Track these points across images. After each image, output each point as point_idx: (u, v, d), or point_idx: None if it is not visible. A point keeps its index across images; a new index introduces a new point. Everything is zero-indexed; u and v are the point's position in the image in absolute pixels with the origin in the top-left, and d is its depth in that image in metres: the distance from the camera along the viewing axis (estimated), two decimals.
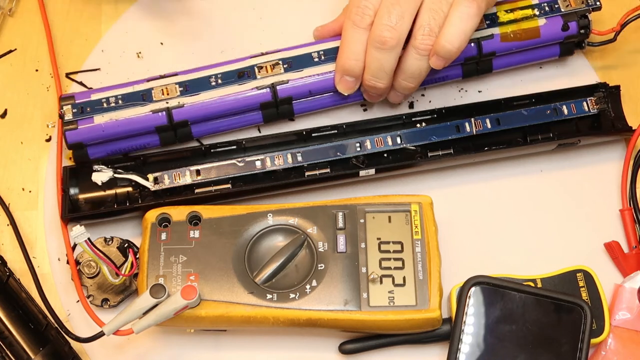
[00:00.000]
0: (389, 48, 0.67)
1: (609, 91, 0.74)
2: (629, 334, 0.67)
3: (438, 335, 0.66)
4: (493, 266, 0.69)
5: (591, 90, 0.74)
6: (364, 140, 0.71)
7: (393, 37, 0.66)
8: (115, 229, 0.71)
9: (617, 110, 0.74)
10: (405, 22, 0.66)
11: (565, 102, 0.73)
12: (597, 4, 0.74)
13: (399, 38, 0.66)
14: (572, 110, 0.73)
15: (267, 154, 0.71)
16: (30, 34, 0.78)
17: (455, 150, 0.71)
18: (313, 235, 0.67)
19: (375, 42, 0.67)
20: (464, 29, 0.66)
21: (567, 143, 0.72)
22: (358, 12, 0.67)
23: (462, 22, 0.66)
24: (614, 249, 0.70)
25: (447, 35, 0.66)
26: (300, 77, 0.70)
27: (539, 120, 0.72)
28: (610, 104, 0.74)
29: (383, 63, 0.67)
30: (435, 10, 0.66)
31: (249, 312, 0.64)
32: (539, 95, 0.74)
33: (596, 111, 0.73)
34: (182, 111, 0.69)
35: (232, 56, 0.74)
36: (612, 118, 0.74)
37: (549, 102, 0.73)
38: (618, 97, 0.74)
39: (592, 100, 0.73)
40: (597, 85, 0.74)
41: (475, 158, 0.72)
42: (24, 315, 0.66)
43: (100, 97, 0.70)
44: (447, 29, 0.66)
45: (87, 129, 0.69)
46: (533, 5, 0.74)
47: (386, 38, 0.66)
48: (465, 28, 0.66)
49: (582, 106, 0.73)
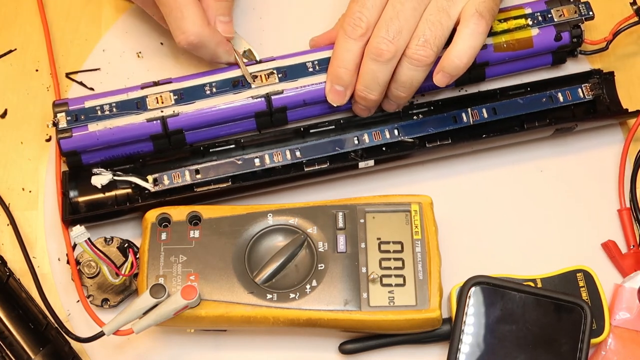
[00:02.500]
0: (384, 61, 0.67)
1: (603, 77, 0.75)
2: (629, 334, 0.67)
3: (438, 335, 0.66)
4: (493, 266, 0.69)
5: (585, 77, 0.75)
6: (361, 135, 0.72)
7: (390, 50, 0.66)
8: (116, 229, 0.71)
9: (612, 96, 0.75)
10: (403, 37, 0.66)
11: (560, 89, 0.74)
12: (590, 13, 0.74)
13: (396, 51, 0.66)
14: (567, 97, 0.74)
15: (265, 151, 0.71)
16: (30, 34, 0.78)
17: (453, 140, 0.72)
18: (313, 235, 0.67)
19: (372, 54, 0.67)
20: (474, 45, 0.66)
21: (564, 128, 0.72)
22: (350, 23, 0.68)
23: (471, 39, 0.66)
24: (611, 249, 0.71)
25: (456, 51, 0.66)
26: (294, 87, 0.71)
27: (536, 109, 0.73)
28: (605, 90, 0.74)
29: (377, 75, 0.68)
30: (433, 23, 0.66)
31: (249, 312, 0.64)
32: (534, 84, 0.74)
33: (591, 97, 0.74)
34: (176, 120, 0.69)
35: None
36: (608, 104, 0.74)
37: (544, 90, 0.74)
38: (612, 83, 0.75)
39: (587, 87, 0.74)
40: (591, 72, 0.75)
41: (474, 147, 0.72)
42: (24, 315, 0.66)
43: (94, 104, 0.69)
44: (457, 45, 0.66)
45: (81, 137, 0.69)
46: (526, 15, 0.73)
47: (383, 50, 0.66)
48: (475, 44, 0.67)
49: (578, 93, 0.74)
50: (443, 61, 0.67)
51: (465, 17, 0.66)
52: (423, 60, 0.67)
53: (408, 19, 0.66)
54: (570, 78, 0.75)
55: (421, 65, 0.67)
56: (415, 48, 0.66)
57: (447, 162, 0.74)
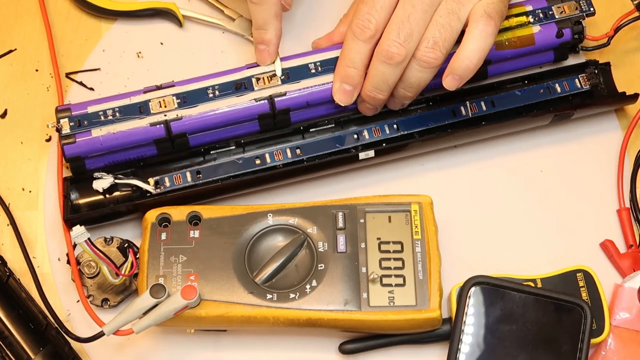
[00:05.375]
0: (395, 63, 0.67)
1: (600, 68, 0.75)
2: (629, 334, 0.67)
3: (438, 335, 0.66)
4: (493, 266, 0.69)
5: (582, 67, 0.75)
6: (361, 131, 0.72)
7: (401, 53, 0.66)
8: (116, 229, 0.71)
9: (610, 86, 0.75)
10: (414, 40, 0.66)
11: (557, 80, 0.74)
12: (591, 9, 0.74)
13: (407, 54, 0.66)
14: (564, 88, 0.74)
15: (266, 150, 0.71)
16: (30, 34, 0.78)
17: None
18: (313, 235, 0.67)
19: (382, 57, 0.67)
20: (483, 46, 0.66)
21: (563, 114, 0.73)
22: (359, 25, 0.67)
23: (480, 40, 0.66)
24: (609, 249, 0.71)
25: (466, 52, 0.66)
26: (297, 88, 0.70)
27: (534, 100, 0.73)
28: (602, 80, 0.75)
29: (387, 77, 0.68)
30: (443, 25, 0.66)
31: (249, 312, 0.64)
32: (531, 76, 0.75)
33: (589, 87, 0.74)
34: (180, 124, 0.69)
35: (232, 56, 0.74)
36: (605, 94, 0.75)
37: (542, 82, 0.74)
38: (609, 73, 0.75)
39: (584, 77, 0.75)
40: (587, 63, 0.75)
41: (473, 136, 0.73)
42: (24, 315, 0.66)
43: (97, 109, 0.69)
44: (466, 46, 0.66)
45: (85, 142, 0.68)
46: (527, 12, 0.74)
47: (394, 54, 0.66)
48: (484, 46, 0.66)
49: (575, 83, 0.74)
50: (453, 63, 0.67)
51: (474, 19, 0.66)
52: (432, 62, 0.67)
53: (419, 22, 0.66)
54: (567, 69, 0.75)
55: (430, 67, 0.67)
56: (425, 50, 0.66)
57: (447, 162, 0.74)
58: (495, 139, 0.74)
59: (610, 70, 0.75)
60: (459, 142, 0.73)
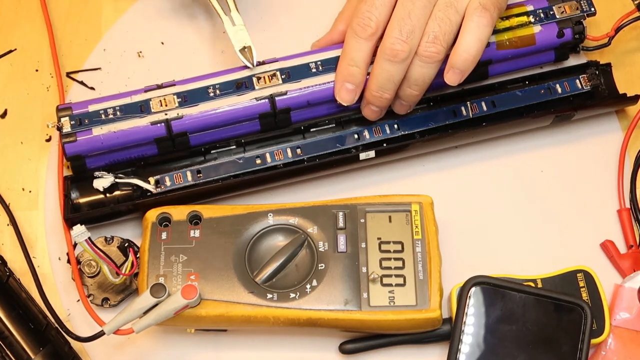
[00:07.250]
0: (399, 60, 0.67)
1: (600, 68, 0.75)
2: (629, 334, 0.67)
3: (438, 335, 0.66)
4: (493, 266, 0.69)
5: (583, 68, 0.75)
6: (362, 131, 0.72)
7: (404, 50, 0.66)
8: (116, 229, 0.71)
9: (610, 88, 0.75)
10: (416, 36, 0.67)
11: (558, 80, 0.74)
12: (592, 9, 0.74)
13: (410, 51, 0.67)
14: (565, 89, 0.74)
15: (267, 149, 0.71)
16: (30, 34, 0.78)
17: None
18: (313, 234, 0.67)
19: (386, 55, 0.67)
20: (479, 37, 0.67)
21: (563, 115, 0.73)
22: (360, 23, 0.68)
23: (477, 31, 0.67)
24: (609, 249, 0.71)
25: (463, 45, 0.67)
26: (298, 87, 0.71)
27: (534, 100, 0.74)
28: (603, 81, 0.75)
29: (392, 75, 0.68)
30: (442, 19, 0.67)
31: (249, 312, 0.64)
32: (532, 77, 0.75)
33: (590, 88, 0.74)
34: (181, 123, 0.69)
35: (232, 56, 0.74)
36: (606, 95, 0.75)
37: (542, 83, 0.74)
38: (610, 74, 0.75)
39: (584, 78, 0.75)
40: (588, 64, 0.75)
41: (474, 137, 0.73)
42: (24, 315, 0.66)
43: (98, 108, 0.69)
44: (463, 39, 0.67)
45: (85, 141, 0.68)
46: (528, 12, 0.74)
47: (398, 51, 0.66)
48: (481, 37, 0.67)
49: (576, 84, 0.74)
50: (452, 58, 0.67)
51: (470, 11, 0.67)
52: (434, 56, 0.67)
53: (419, 17, 0.67)
54: (568, 70, 0.75)
55: (432, 62, 0.67)
56: (426, 45, 0.67)
57: (447, 163, 0.74)
58: (495, 139, 0.75)
59: (611, 71, 0.75)
60: (460, 143, 0.74)
